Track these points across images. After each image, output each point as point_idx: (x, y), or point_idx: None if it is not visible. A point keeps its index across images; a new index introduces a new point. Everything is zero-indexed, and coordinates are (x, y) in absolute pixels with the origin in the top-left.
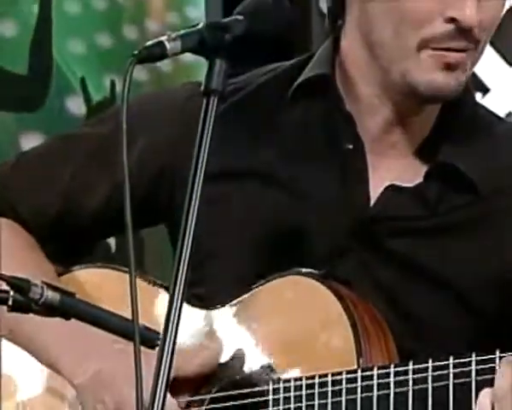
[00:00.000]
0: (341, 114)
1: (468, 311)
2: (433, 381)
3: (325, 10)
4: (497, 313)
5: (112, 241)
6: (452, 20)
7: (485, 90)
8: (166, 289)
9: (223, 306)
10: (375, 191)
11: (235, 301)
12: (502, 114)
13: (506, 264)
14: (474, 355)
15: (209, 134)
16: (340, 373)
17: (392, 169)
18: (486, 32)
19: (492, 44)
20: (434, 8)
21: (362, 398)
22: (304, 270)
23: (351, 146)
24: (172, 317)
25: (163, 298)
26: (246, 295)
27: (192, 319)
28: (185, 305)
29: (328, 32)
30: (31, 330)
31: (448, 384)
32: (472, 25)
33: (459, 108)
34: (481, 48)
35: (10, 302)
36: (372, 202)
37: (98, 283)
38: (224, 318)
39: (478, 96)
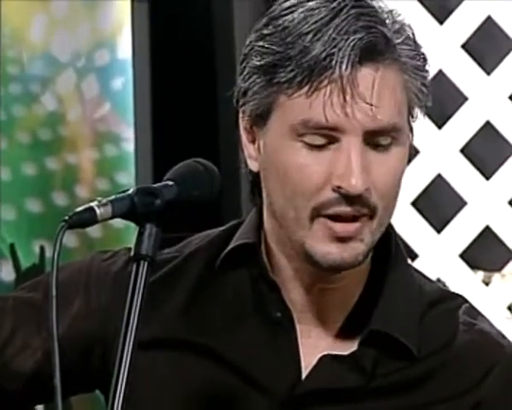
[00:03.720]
0: (266, 283)
1: None
2: None
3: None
4: None
5: (39, 407)
6: (339, 187)
7: (413, 256)
8: None
9: None
10: (308, 360)
11: None
12: None
13: None
14: None
15: (139, 301)
16: None
17: (323, 337)
18: (385, 197)
19: (420, 213)
20: (322, 179)
21: None
22: None
23: (279, 314)
24: None
25: None
26: None
27: None
28: None
29: (252, 202)
30: None
31: None
32: (357, 193)
33: (388, 270)
34: (382, 214)
35: None
36: (306, 372)
37: None
38: None
39: None
